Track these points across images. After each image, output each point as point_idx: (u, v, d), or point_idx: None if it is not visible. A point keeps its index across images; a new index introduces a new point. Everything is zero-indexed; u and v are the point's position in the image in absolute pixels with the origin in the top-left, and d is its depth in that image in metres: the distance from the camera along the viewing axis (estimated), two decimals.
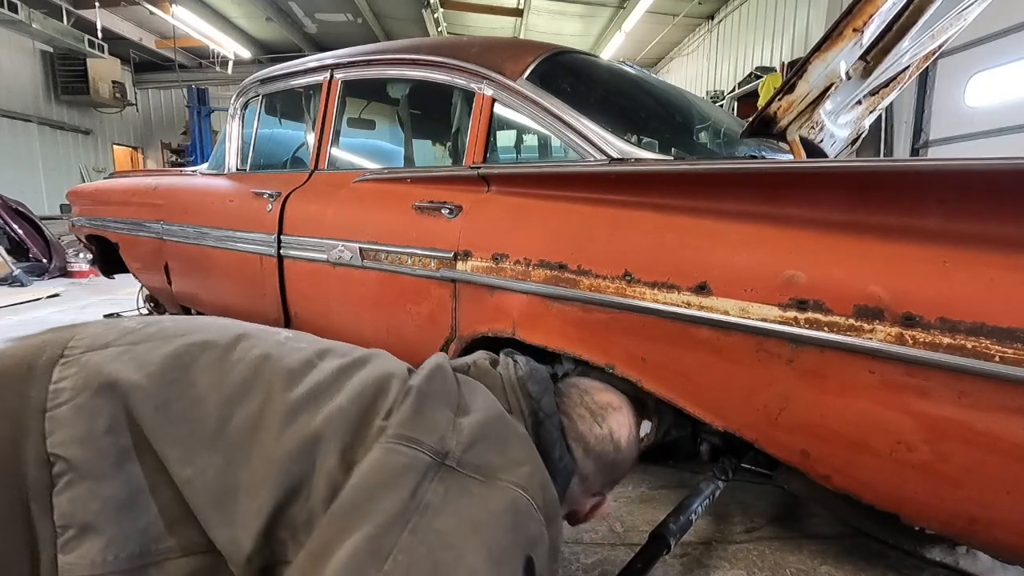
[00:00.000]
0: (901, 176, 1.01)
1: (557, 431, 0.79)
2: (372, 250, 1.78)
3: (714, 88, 8.61)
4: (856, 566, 1.31)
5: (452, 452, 0.64)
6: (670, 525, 1.13)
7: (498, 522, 0.60)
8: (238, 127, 2.56)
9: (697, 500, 1.22)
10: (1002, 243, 0.87)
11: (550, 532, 0.66)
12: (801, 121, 1.44)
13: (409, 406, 0.69)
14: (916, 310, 0.92)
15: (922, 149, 4.69)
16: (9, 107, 9.61)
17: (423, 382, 0.74)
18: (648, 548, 1.08)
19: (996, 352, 0.84)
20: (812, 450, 1.09)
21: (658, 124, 1.92)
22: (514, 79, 1.63)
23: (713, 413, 1.20)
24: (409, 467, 0.62)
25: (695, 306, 1.15)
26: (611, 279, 1.28)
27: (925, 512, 1.02)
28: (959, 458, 0.92)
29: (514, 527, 0.60)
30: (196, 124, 10.42)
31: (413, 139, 2.71)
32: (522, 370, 0.84)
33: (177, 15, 9.33)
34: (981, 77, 4.22)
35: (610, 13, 9.45)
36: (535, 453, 0.71)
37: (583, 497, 0.87)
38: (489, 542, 0.58)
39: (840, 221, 1.04)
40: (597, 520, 1.48)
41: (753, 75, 6.75)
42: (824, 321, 1.00)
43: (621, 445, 0.88)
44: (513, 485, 0.63)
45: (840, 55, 1.33)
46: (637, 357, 1.28)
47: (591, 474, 0.84)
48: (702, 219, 1.21)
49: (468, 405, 0.73)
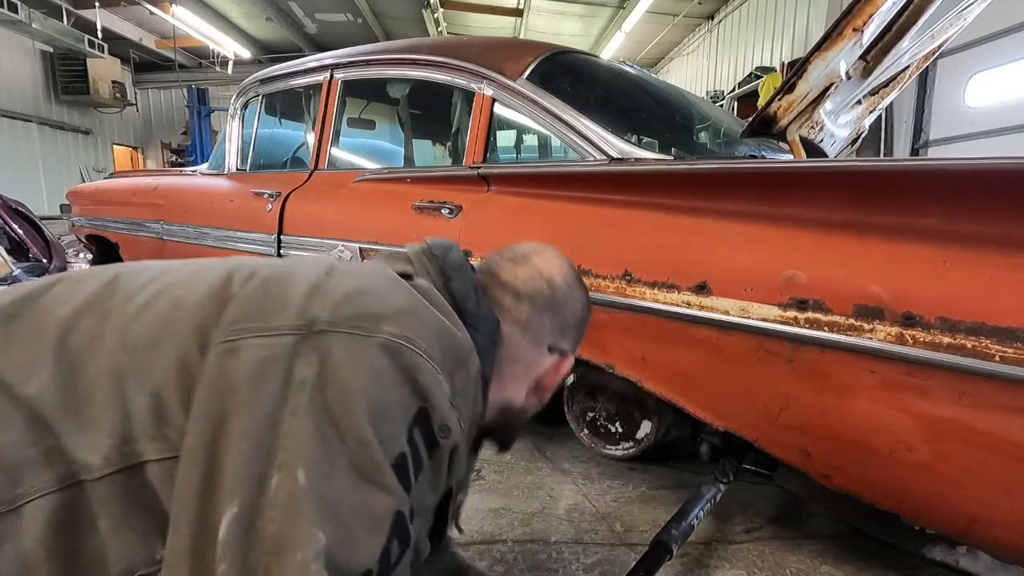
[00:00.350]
0: (901, 176, 1.01)
1: (469, 281, 0.72)
2: (372, 250, 1.78)
3: (714, 88, 8.61)
4: (856, 566, 1.31)
5: (319, 317, 0.56)
6: (672, 531, 1.13)
7: (378, 381, 0.53)
8: (238, 127, 2.56)
9: (699, 505, 1.22)
10: (1002, 243, 0.87)
11: (456, 380, 0.60)
12: (801, 121, 1.44)
13: (254, 290, 0.60)
14: (916, 310, 0.92)
15: (922, 149, 4.69)
16: (9, 107, 9.62)
17: (271, 269, 0.64)
18: (650, 555, 1.08)
19: (996, 352, 0.84)
20: (812, 450, 1.09)
21: (658, 124, 1.92)
22: (514, 79, 1.63)
23: (713, 413, 1.20)
24: (269, 358, 0.54)
25: (695, 306, 1.15)
26: (611, 279, 1.28)
27: (925, 512, 1.02)
28: (959, 458, 0.92)
29: (398, 382, 0.54)
30: (196, 124, 10.42)
31: (413, 139, 2.71)
32: (429, 242, 0.76)
33: (177, 15, 9.33)
34: (981, 77, 4.22)
35: (610, 13, 9.45)
36: (424, 302, 0.63)
37: (535, 352, 0.77)
38: (371, 402, 0.52)
39: (840, 221, 1.04)
40: (597, 520, 1.48)
41: (753, 75, 6.75)
42: (824, 321, 1.00)
43: (555, 281, 0.78)
44: (394, 337, 0.56)
45: (840, 55, 1.33)
46: (637, 357, 1.28)
47: (530, 318, 0.75)
48: (702, 219, 1.21)
49: (345, 271, 0.64)
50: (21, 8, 8.11)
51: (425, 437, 0.57)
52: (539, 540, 1.39)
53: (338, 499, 0.49)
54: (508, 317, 0.74)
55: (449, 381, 0.59)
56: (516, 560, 1.31)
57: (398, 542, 0.52)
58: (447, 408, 0.58)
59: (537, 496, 1.60)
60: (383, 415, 0.53)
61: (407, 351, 0.56)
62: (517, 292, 0.76)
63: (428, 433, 0.57)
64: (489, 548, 1.35)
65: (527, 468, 1.78)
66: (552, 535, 1.41)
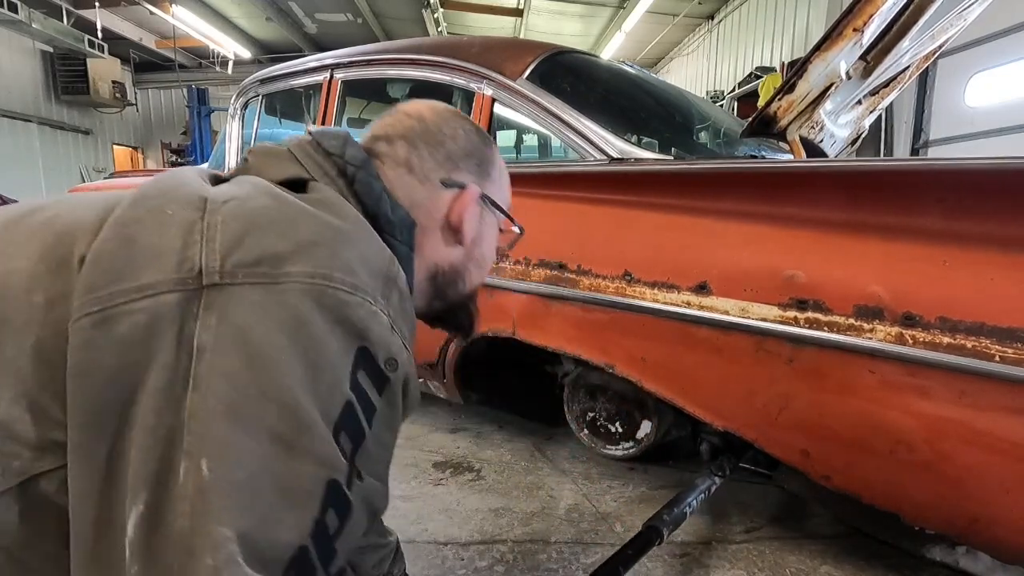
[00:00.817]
0: (901, 176, 1.01)
1: (376, 180, 0.62)
2: None
3: (714, 88, 8.61)
4: (856, 566, 1.31)
5: (208, 267, 0.45)
6: (664, 517, 1.13)
7: (300, 334, 0.45)
8: (238, 127, 2.56)
9: (692, 494, 1.22)
10: (1002, 243, 0.87)
11: (391, 301, 0.53)
12: (801, 121, 1.44)
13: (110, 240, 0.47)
14: (916, 310, 0.92)
15: (922, 149, 4.69)
16: (9, 107, 9.61)
17: (127, 207, 0.50)
18: (641, 537, 1.09)
19: (996, 352, 0.84)
20: (812, 450, 1.09)
21: (658, 124, 1.92)
22: (514, 79, 1.63)
23: (713, 413, 1.20)
24: (152, 326, 0.43)
25: (695, 306, 1.15)
26: (611, 279, 1.28)
27: (925, 512, 1.02)
28: (959, 458, 0.92)
29: (326, 329, 0.46)
30: (196, 124, 10.41)
31: None
32: (313, 132, 0.66)
33: (177, 15, 9.33)
34: (981, 77, 4.22)
35: (610, 13, 9.45)
36: (333, 222, 0.53)
37: (428, 190, 0.67)
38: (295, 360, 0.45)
39: (840, 221, 1.04)
40: (597, 520, 1.48)
41: (753, 75, 6.75)
42: (824, 321, 1.00)
43: (423, 115, 0.70)
44: (308, 278, 0.47)
45: (840, 55, 1.33)
46: (637, 357, 1.28)
47: (409, 156, 0.67)
48: (702, 219, 1.21)
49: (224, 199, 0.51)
50: (21, 8, 8.10)
51: (372, 377, 0.50)
52: (539, 540, 1.39)
53: (255, 481, 0.43)
54: (389, 162, 0.66)
55: (385, 305, 0.52)
56: (516, 560, 1.31)
57: (335, 512, 0.46)
58: (389, 337, 0.51)
59: (537, 496, 1.60)
60: (314, 370, 0.46)
61: (328, 291, 0.47)
62: (388, 136, 0.68)
63: (375, 371, 0.50)
64: (489, 548, 1.35)
65: (527, 468, 1.78)
66: (552, 535, 1.41)
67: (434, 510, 1.51)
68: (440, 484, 1.66)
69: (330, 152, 0.62)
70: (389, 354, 0.51)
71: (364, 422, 0.49)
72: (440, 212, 0.69)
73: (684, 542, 1.40)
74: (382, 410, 0.52)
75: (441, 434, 2.05)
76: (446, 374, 1.70)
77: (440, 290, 0.72)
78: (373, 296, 0.51)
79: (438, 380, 1.77)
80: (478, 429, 2.09)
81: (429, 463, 1.80)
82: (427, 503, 1.55)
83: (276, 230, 0.49)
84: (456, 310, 0.76)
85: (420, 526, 1.43)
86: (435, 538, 1.39)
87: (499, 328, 1.50)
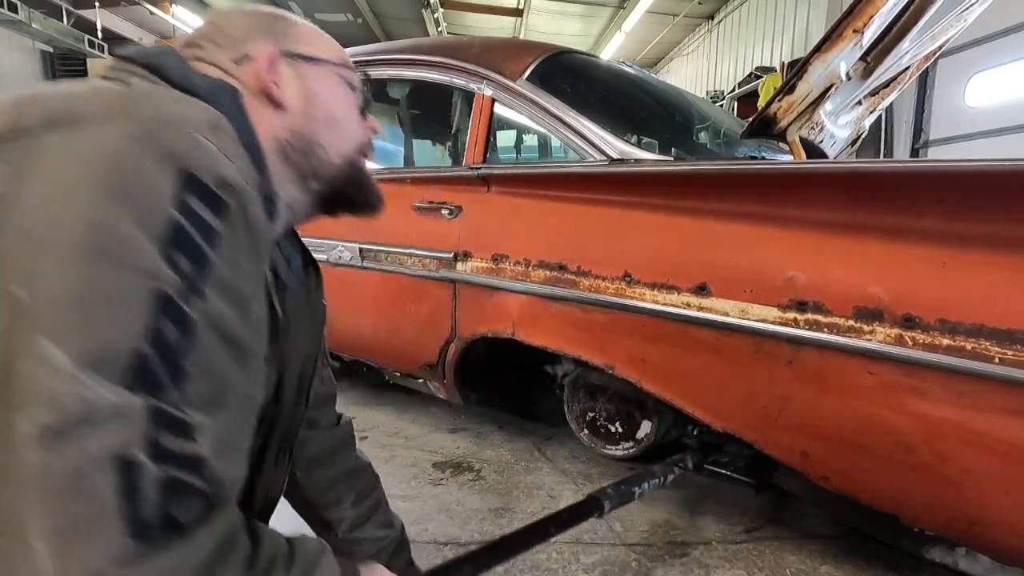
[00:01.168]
0: (901, 176, 1.01)
1: (181, 60, 0.63)
2: (371, 250, 1.78)
3: (714, 88, 8.61)
4: (856, 566, 1.31)
5: (21, 125, 0.48)
6: (608, 491, 1.14)
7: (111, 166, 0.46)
8: None
9: (646, 479, 1.23)
10: (1002, 244, 0.87)
11: (222, 142, 0.52)
12: (801, 122, 1.44)
13: None
14: (916, 311, 0.92)
15: (922, 149, 4.70)
16: None
17: None
18: (581, 505, 1.09)
19: (995, 353, 0.84)
20: (811, 451, 1.09)
21: (658, 124, 1.92)
22: (514, 79, 1.63)
23: (713, 414, 1.20)
24: None
25: (695, 307, 1.15)
26: (611, 280, 1.28)
27: (925, 514, 1.02)
28: (959, 459, 0.92)
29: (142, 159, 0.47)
30: None
31: (413, 139, 2.71)
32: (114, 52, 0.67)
33: (177, 15, 9.34)
34: (981, 77, 4.22)
35: (610, 13, 9.45)
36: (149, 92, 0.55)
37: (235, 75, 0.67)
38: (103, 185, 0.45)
39: (840, 221, 1.04)
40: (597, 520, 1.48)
41: (753, 75, 6.75)
42: (824, 322, 1.00)
43: (211, 18, 0.71)
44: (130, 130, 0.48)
45: (840, 56, 1.33)
46: (637, 358, 1.28)
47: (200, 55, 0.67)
48: (702, 220, 1.21)
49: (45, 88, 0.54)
50: (21, 8, 8.10)
51: (203, 197, 0.48)
52: None
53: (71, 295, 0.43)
54: (199, 65, 0.66)
55: (213, 137, 0.51)
56: (516, 560, 1.31)
57: (173, 325, 0.45)
58: (217, 160, 0.50)
59: (537, 496, 1.61)
60: (125, 191, 0.45)
61: (138, 130, 0.48)
62: (189, 42, 0.69)
63: (205, 192, 0.49)
64: None
65: (527, 468, 1.78)
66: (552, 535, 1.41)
67: (434, 510, 1.51)
68: (440, 484, 1.67)
69: (134, 59, 0.62)
70: (219, 177, 0.50)
71: (203, 244, 0.48)
72: (249, 88, 0.67)
73: (684, 542, 1.40)
74: (227, 236, 0.50)
75: (441, 434, 2.05)
76: (446, 374, 1.70)
77: (302, 166, 0.69)
78: (195, 127, 0.50)
79: (438, 380, 1.77)
80: (478, 429, 2.09)
81: (429, 463, 1.80)
82: (427, 503, 1.55)
83: (100, 99, 0.51)
84: (344, 186, 0.73)
85: (420, 526, 1.43)
86: (435, 538, 1.39)
87: (499, 329, 1.50)
